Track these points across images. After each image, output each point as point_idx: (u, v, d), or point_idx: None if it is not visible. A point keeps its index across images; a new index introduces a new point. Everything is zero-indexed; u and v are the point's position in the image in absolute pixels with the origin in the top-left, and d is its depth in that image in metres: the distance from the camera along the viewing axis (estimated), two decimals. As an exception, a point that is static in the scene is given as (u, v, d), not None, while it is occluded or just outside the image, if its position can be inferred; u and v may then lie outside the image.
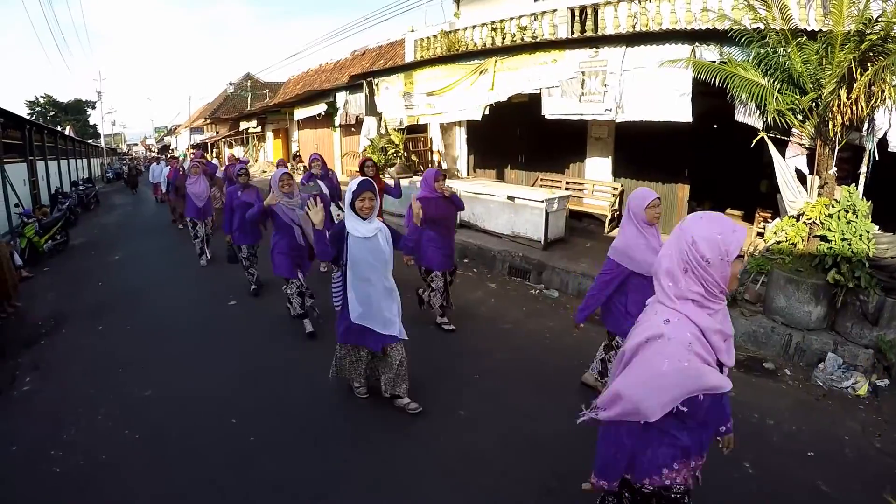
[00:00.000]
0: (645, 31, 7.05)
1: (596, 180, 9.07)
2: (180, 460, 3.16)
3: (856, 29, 4.62)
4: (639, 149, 8.25)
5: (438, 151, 11.58)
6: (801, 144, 5.57)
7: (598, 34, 7.80)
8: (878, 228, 4.88)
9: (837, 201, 4.92)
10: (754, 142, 5.75)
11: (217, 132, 32.11)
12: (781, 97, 5.27)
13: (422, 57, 11.28)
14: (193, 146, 34.02)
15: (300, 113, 16.87)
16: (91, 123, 49.62)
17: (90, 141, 35.50)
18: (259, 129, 23.65)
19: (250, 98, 29.41)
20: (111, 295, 6.67)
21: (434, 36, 11.27)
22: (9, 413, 3.87)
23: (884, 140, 5.09)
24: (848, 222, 4.70)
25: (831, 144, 5.13)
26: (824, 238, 4.81)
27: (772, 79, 5.37)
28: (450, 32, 10.91)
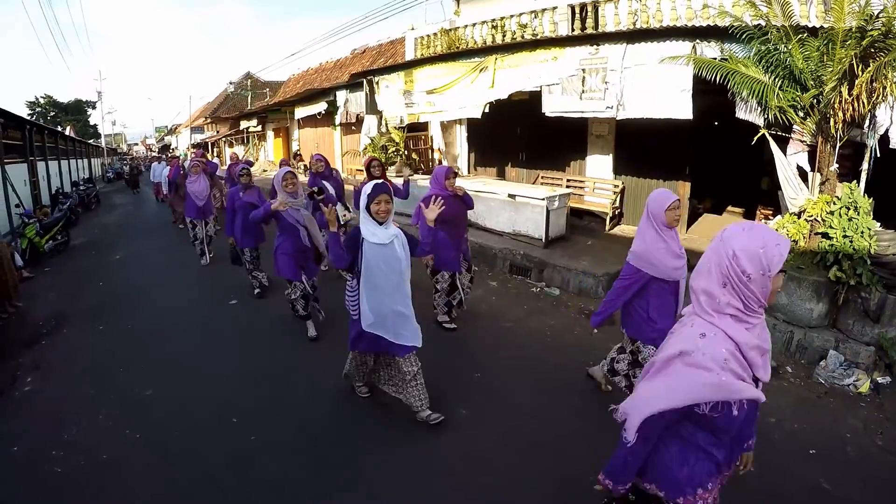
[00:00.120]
0: (645, 28, 7.01)
1: (597, 178, 9.05)
2: (181, 460, 3.17)
3: (857, 25, 4.60)
4: (640, 146, 8.24)
5: (439, 149, 11.57)
6: (803, 141, 5.55)
7: (599, 31, 7.78)
8: (880, 225, 4.86)
9: (839, 198, 4.91)
10: (755, 139, 5.73)
11: (217, 131, 32.09)
12: (782, 94, 5.25)
13: (422, 55, 11.27)
14: (194, 145, 34.02)
15: (300, 112, 16.87)
16: (91, 123, 49.73)
17: (90, 141, 35.60)
18: (259, 129, 23.65)
19: (250, 97, 29.39)
20: (112, 295, 6.68)
21: (434, 34, 11.26)
22: (10, 413, 3.88)
23: (885, 137, 5.06)
24: (849, 219, 4.69)
25: (832, 141, 5.11)
26: (826, 235, 4.79)
27: (773, 75, 5.34)
28: (450, 30, 10.90)
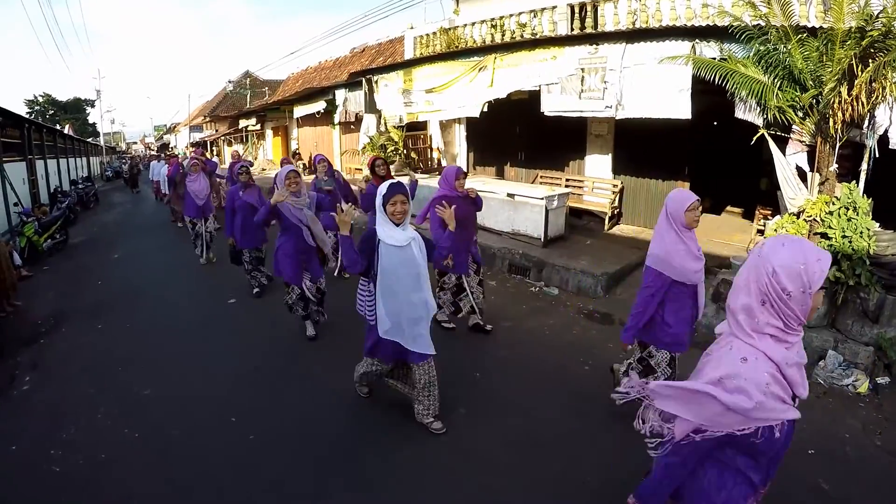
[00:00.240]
0: (645, 28, 7.01)
1: (596, 177, 9.05)
2: (180, 459, 3.17)
3: (857, 25, 4.60)
4: (639, 146, 8.23)
5: (438, 149, 11.57)
6: (802, 141, 5.56)
7: (598, 31, 7.78)
8: (879, 226, 4.87)
9: (838, 198, 4.91)
10: (754, 139, 5.73)
11: (216, 130, 32.05)
12: (782, 94, 5.25)
13: (421, 54, 11.26)
14: (193, 144, 33.97)
15: (299, 110, 16.83)
16: (90, 122, 49.67)
17: (89, 139, 35.52)
18: (258, 127, 23.61)
19: (249, 96, 29.34)
20: (110, 294, 6.67)
21: (433, 33, 11.24)
22: (8, 412, 3.87)
23: (884, 137, 5.07)
24: (848, 219, 4.69)
25: (832, 141, 5.11)
26: (825, 235, 4.79)
27: (772, 75, 5.34)
28: (449, 29, 10.88)
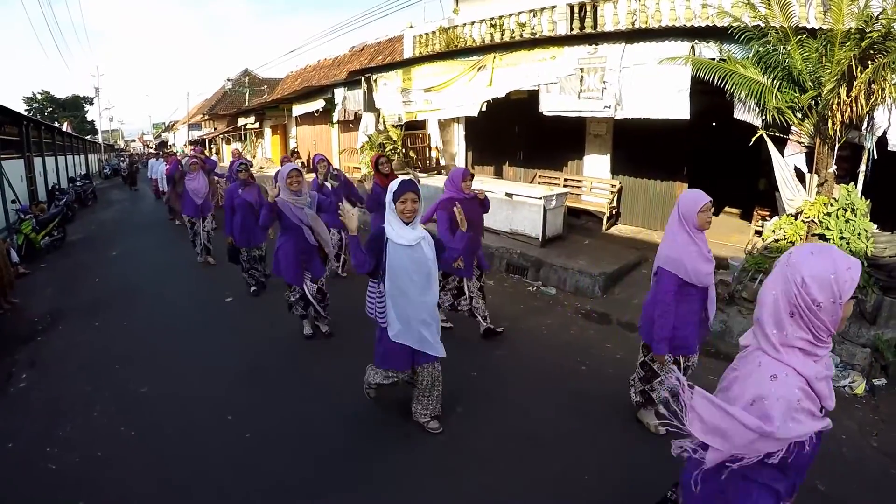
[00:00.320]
0: (644, 28, 7.02)
1: (594, 177, 9.06)
2: (176, 457, 3.16)
3: (856, 27, 4.61)
4: (637, 146, 8.24)
5: (437, 148, 11.56)
6: (800, 142, 5.57)
7: (598, 31, 7.78)
8: (877, 227, 4.88)
9: (836, 200, 4.92)
10: (753, 139, 5.74)
11: (215, 128, 31.98)
12: (781, 95, 5.26)
13: (420, 53, 11.25)
14: (191, 142, 33.90)
15: (298, 109, 16.79)
16: (89, 119, 49.58)
17: (88, 137, 35.42)
18: (257, 126, 23.56)
19: (248, 94, 29.30)
20: (108, 291, 6.65)
21: (433, 32, 11.23)
22: (5, 410, 3.85)
23: (883, 138, 5.08)
24: (846, 221, 4.70)
25: (830, 143, 5.12)
26: (823, 237, 4.81)
27: (771, 76, 5.35)
28: (448, 29, 10.87)
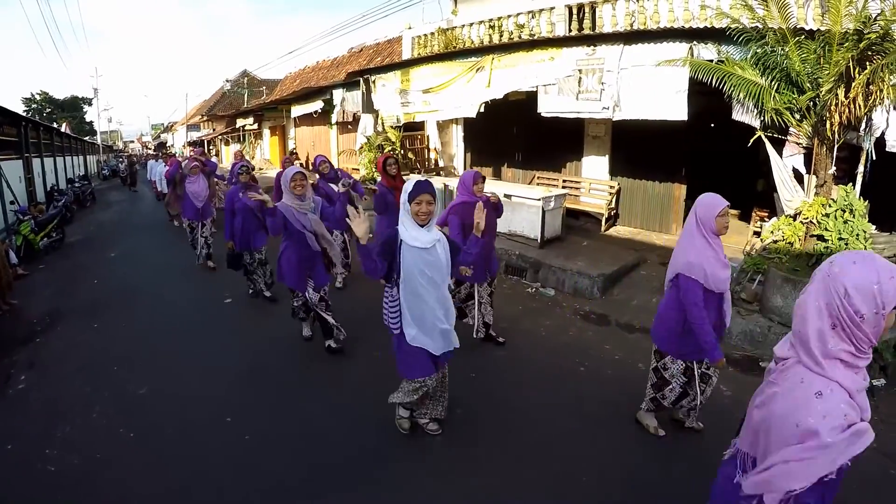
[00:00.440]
0: (643, 30, 7.03)
1: (593, 179, 9.07)
2: (175, 458, 3.16)
3: (854, 28, 4.62)
4: (636, 147, 8.26)
5: (435, 149, 11.56)
6: (799, 143, 5.58)
7: (596, 32, 7.80)
8: (875, 228, 4.90)
9: (834, 201, 4.93)
10: (751, 141, 5.75)
11: (214, 129, 32.00)
12: (779, 96, 5.28)
13: (419, 54, 11.26)
14: (191, 143, 33.85)
15: (297, 110, 16.81)
16: (87, 120, 49.61)
17: (86, 138, 35.40)
18: (256, 127, 23.57)
19: (247, 95, 29.31)
20: (107, 292, 6.64)
21: (431, 33, 11.24)
22: (4, 411, 3.85)
23: (881, 139, 5.10)
24: (845, 222, 4.71)
25: (829, 144, 5.13)
26: (821, 237, 4.82)
27: (769, 78, 5.36)
28: (447, 30, 10.89)
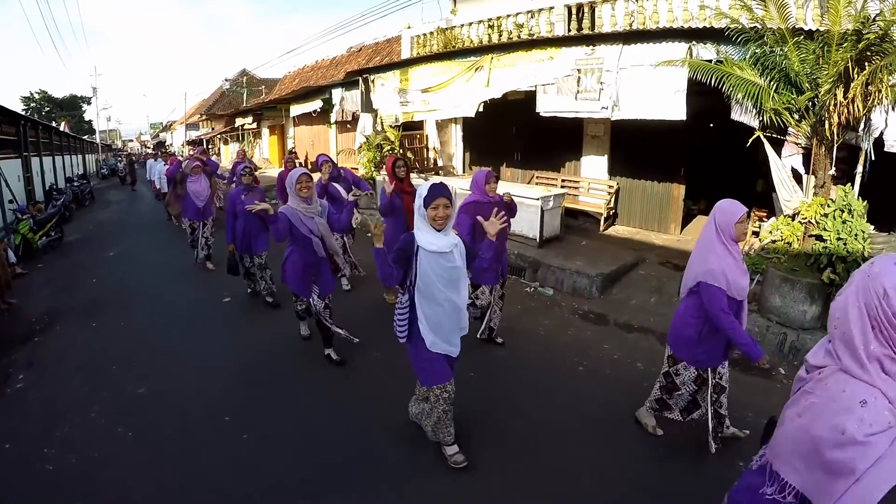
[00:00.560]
0: (642, 30, 7.04)
1: (592, 178, 9.07)
2: (174, 458, 3.16)
3: (853, 28, 4.63)
4: (635, 147, 8.26)
5: (434, 149, 11.56)
6: (797, 144, 5.59)
7: (595, 32, 7.80)
8: (874, 228, 4.90)
9: (833, 201, 4.94)
10: (750, 141, 5.76)
11: (213, 128, 31.94)
12: (778, 96, 5.28)
13: (418, 54, 11.26)
14: (191, 142, 33.79)
15: (296, 109, 16.80)
16: (86, 119, 49.47)
17: (85, 137, 35.33)
18: (255, 126, 23.55)
19: (246, 94, 29.28)
20: (105, 292, 6.63)
21: (430, 33, 11.24)
22: (2, 411, 3.84)
23: (880, 140, 5.10)
24: (843, 222, 4.72)
25: (827, 144, 5.14)
26: (820, 238, 4.82)
27: (768, 78, 5.37)
28: (446, 29, 10.88)
